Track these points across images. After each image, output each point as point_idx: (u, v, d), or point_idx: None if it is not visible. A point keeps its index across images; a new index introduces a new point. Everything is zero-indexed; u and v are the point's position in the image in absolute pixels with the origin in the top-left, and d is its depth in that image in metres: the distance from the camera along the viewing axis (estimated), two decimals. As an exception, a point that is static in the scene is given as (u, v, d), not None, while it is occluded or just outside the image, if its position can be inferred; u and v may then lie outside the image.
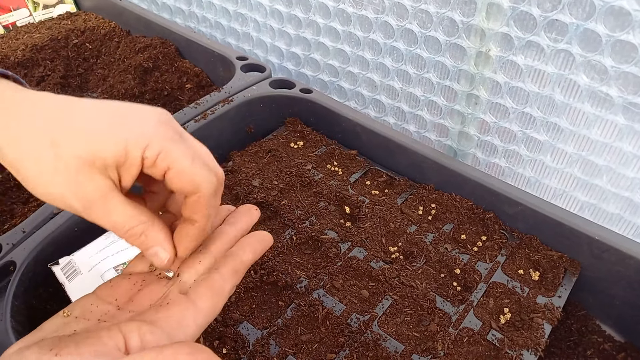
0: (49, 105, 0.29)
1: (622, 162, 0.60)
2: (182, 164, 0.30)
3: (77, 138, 0.28)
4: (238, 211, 0.39)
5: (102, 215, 0.29)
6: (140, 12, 0.96)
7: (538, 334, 0.49)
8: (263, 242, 0.37)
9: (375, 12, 0.71)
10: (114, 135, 0.28)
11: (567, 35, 0.55)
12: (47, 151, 0.28)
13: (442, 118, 0.74)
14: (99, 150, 0.28)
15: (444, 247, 0.57)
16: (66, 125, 0.28)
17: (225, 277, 0.33)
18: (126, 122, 0.29)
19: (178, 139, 0.30)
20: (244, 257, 0.35)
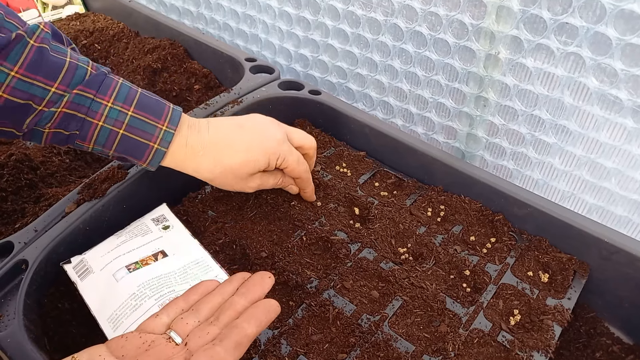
0: (220, 147, 0.53)
1: (630, 165, 0.60)
2: (292, 166, 0.56)
3: (243, 165, 0.53)
4: (251, 280, 0.43)
5: (264, 186, 0.57)
6: (149, 13, 0.96)
7: (548, 336, 0.49)
8: (269, 313, 0.39)
9: (384, 15, 0.71)
10: (262, 160, 0.54)
11: (577, 39, 0.56)
12: (227, 173, 0.54)
13: (451, 120, 0.75)
14: (255, 167, 0.54)
15: (454, 249, 0.58)
16: (235, 159, 0.53)
17: (228, 350, 0.36)
18: (266, 147, 0.53)
19: (291, 150, 0.56)
20: (249, 331, 0.37)
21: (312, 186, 0.60)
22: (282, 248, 0.56)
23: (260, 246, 0.56)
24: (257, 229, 0.58)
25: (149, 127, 0.49)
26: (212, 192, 0.63)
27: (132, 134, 0.48)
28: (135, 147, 0.49)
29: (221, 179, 0.54)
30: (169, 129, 0.50)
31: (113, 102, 0.48)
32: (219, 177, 0.53)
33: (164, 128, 0.49)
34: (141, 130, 0.49)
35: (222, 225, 0.58)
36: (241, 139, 0.53)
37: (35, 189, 0.65)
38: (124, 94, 0.48)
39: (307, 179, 0.59)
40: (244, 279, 0.43)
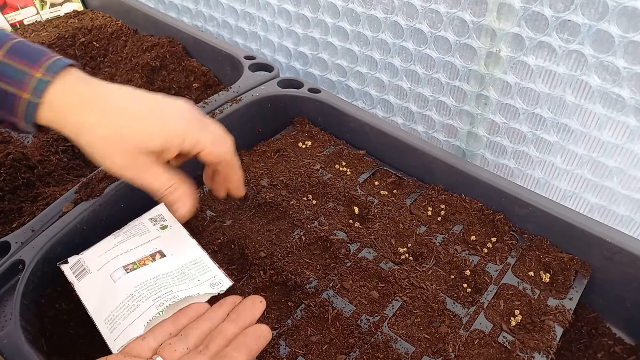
0: (114, 103, 0.41)
1: (633, 164, 0.59)
2: (208, 148, 0.44)
3: (134, 134, 0.41)
4: (242, 305, 0.42)
5: (149, 178, 0.43)
6: (147, 10, 0.96)
7: (549, 337, 0.49)
8: (259, 340, 0.39)
9: (384, 12, 0.71)
10: (160, 134, 0.42)
11: (579, 36, 0.55)
12: (114, 139, 0.41)
13: (451, 118, 0.74)
14: (149, 141, 0.41)
15: (454, 248, 0.57)
16: (127, 123, 0.41)
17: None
18: (168, 122, 0.42)
19: (204, 129, 0.44)
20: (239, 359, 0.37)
21: (240, 174, 0.49)
22: (281, 248, 0.56)
23: (258, 246, 0.55)
24: (255, 229, 0.58)
25: (20, 75, 0.40)
26: (211, 191, 0.62)
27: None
28: (3, 99, 0.40)
29: (105, 147, 0.41)
30: (45, 77, 0.40)
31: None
32: (103, 143, 0.41)
33: (37, 75, 0.40)
34: (10, 78, 0.40)
35: (220, 225, 0.58)
36: (141, 104, 0.42)
37: (32, 188, 0.65)
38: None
39: (232, 164, 0.47)
40: (235, 303, 0.43)
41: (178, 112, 0.43)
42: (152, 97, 0.43)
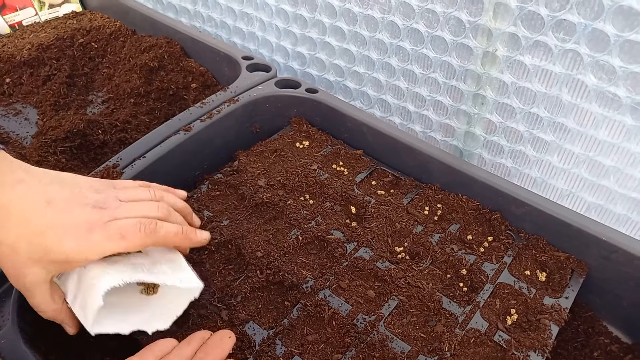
0: (12, 212, 0.39)
1: (629, 163, 0.60)
2: (135, 243, 0.42)
3: (30, 249, 0.39)
4: (210, 342, 0.43)
5: (35, 302, 0.42)
6: (145, 11, 0.96)
7: (545, 335, 0.49)
8: (224, 349, 0.42)
9: (381, 12, 0.71)
10: (56, 252, 0.39)
11: (575, 35, 0.55)
12: (8, 252, 0.39)
13: (448, 118, 0.74)
14: (45, 257, 0.39)
15: (450, 248, 0.57)
16: (25, 236, 0.39)
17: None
18: (65, 239, 0.39)
19: (110, 238, 0.41)
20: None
21: (190, 236, 0.47)
22: (278, 247, 0.56)
23: (255, 246, 0.56)
24: (252, 229, 0.58)
25: None
26: (208, 191, 0.63)
27: None
28: None
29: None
30: None
31: None
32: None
33: None
34: None
35: (217, 225, 0.58)
36: (41, 217, 0.39)
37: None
38: None
39: (174, 239, 0.45)
40: (204, 339, 0.43)
41: (78, 226, 0.40)
42: (55, 205, 0.40)
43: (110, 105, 0.85)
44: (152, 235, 0.42)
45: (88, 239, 0.40)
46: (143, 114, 0.82)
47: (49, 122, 0.79)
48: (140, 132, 0.78)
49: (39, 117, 0.82)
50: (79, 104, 0.86)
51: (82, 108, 0.86)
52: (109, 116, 0.81)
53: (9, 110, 0.84)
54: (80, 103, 0.87)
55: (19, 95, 0.87)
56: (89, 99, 0.88)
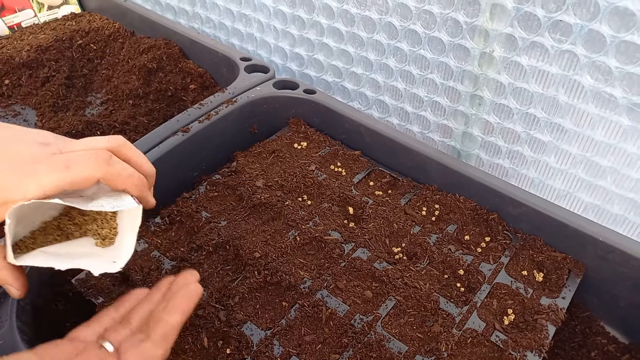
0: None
1: (626, 163, 0.60)
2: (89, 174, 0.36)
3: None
4: (175, 284, 0.41)
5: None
6: (144, 12, 0.96)
7: (542, 335, 0.49)
8: (190, 299, 0.39)
9: (379, 13, 0.71)
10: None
11: (572, 36, 0.55)
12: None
13: (446, 119, 0.74)
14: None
15: (448, 248, 0.57)
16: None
17: (156, 342, 0.36)
18: (8, 175, 0.34)
19: (53, 169, 0.35)
20: (173, 321, 0.37)
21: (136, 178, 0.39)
22: (276, 248, 0.56)
23: (253, 246, 0.56)
24: (250, 229, 0.58)
25: None
26: (206, 192, 0.63)
27: None
28: None
29: None
30: None
31: None
32: None
33: None
34: None
35: (215, 226, 0.58)
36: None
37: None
38: None
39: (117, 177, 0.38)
40: (171, 283, 0.43)
41: (20, 160, 0.35)
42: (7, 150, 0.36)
43: (109, 106, 0.86)
44: (103, 167, 0.36)
45: (28, 172, 0.34)
46: (142, 115, 0.82)
47: (48, 123, 0.79)
48: (139, 133, 0.78)
49: (38, 119, 0.82)
50: (77, 105, 0.86)
51: (80, 109, 0.86)
52: (107, 117, 0.82)
53: (7, 112, 0.84)
54: (79, 104, 0.87)
55: (17, 97, 0.87)
56: (87, 100, 0.88)
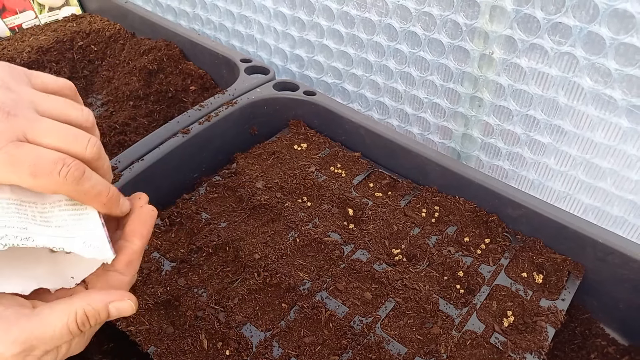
0: None
1: (626, 165, 0.60)
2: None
3: None
4: (132, 222, 0.36)
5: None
6: (145, 14, 0.96)
7: (541, 337, 0.49)
8: (147, 223, 0.36)
9: (378, 15, 0.71)
10: None
11: (571, 38, 0.55)
12: None
13: (446, 120, 0.74)
14: None
15: (447, 250, 0.57)
16: None
17: (122, 271, 0.34)
18: None
19: (13, 168, 0.29)
20: (134, 247, 0.35)
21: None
22: (275, 250, 0.56)
23: (253, 248, 0.56)
24: (250, 231, 0.58)
25: None
26: (206, 193, 0.63)
27: None
28: None
29: None
30: None
31: None
32: None
33: None
34: None
35: (215, 227, 0.58)
36: None
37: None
38: None
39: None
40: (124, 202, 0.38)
41: None
42: None
43: (109, 107, 0.86)
44: (72, 185, 0.30)
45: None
46: (142, 116, 0.82)
47: (48, 124, 0.79)
48: (139, 135, 0.78)
49: (39, 120, 0.82)
50: (78, 107, 0.86)
51: (81, 110, 0.86)
52: (108, 119, 0.82)
53: (8, 113, 0.84)
54: (80, 106, 0.87)
55: (18, 98, 0.87)
56: (88, 101, 0.89)
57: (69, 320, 0.30)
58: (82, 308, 0.31)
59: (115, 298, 0.32)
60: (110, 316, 0.32)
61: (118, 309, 0.32)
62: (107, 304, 0.32)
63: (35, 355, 0.30)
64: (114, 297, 0.32)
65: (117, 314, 0.32)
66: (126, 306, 0.32)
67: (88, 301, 0.31)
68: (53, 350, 0.31)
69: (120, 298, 0.32)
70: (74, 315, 0.30)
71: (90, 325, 0.31)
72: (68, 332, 0.30)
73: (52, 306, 0.30)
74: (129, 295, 0.33)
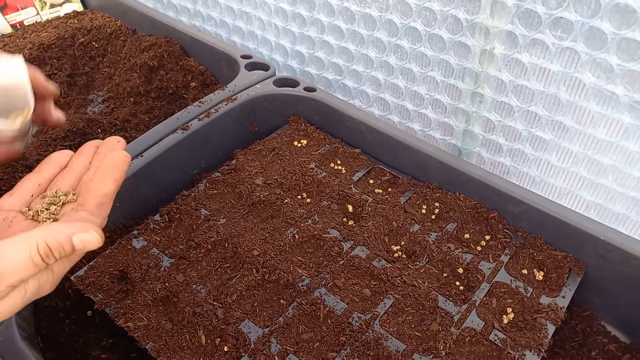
0: None
1: (628, 161, 0.59)
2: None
3: None
4: (102, 151, 0.40)
5: None
6: (145, 10, 0.96)
7: (541, 334, 0.49)
8: (119, 166, 0.37)
9: (379, 10, 0.71)
10: None
11: (573, 33, 0.55)
12: None
13: (447, 116, 0.74)
14: None
15: (447, 247, 0.57)
16: None
17: (92, 212, 0.35)
18: None
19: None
20: (105, 190, 0.36)
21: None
22: (274, 246, 0.56)
23: (252, 244, 0.56)
24: (249, 227, 0.58)
25: None
26: (205, 190, 0.63)
27: None
28: None
29: None
30: None
31: None
32: None
33: None
34: None
35: (214, 224, 0.58)
36: None
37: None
38: None
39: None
40: (96, 146, 0.41)
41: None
42: None
43: (110, 104, 0.86)
44: None
45: None
46: (143, 112, 0.82)
47: (49, 121, 0.79)
48: (140, 131, 0.78)
49: (40, 116, 0.83)
50: (79, 103, 0.87)
51: (82, 107, 0.86)
52: (108, 115, 0.82)
53: (9, 110, 0.84)
54: (81, 102, 0.87)
55: (19, 95, 0.87)
56: (89, 98, 0.89)
57: (32, 252, 0.30)
58: (43, 239, 0.30)
59: (78, 230, 0.31)
60: (75, 248, 0.31)
61: (82, 240, 0.31)
62: (69, 235, 0.31)
63: (0, 290, 0.29)
64: (77, 229, 0.31)
65: (82, 246, 0.32)
66: (90, 237, 0.32)
67: (49, 232, 0.31)
68: (20, 286, 0.30)
69: (83, 230, 0.32)
70: (36, 246, 0.30)
71: (55, 258, 0.31)
72: (32, 264, 0.30)
73: (12, 240, 0.30)
74: (93, 227, 0.32)
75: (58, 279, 0.33)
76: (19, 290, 0.30)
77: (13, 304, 0.30)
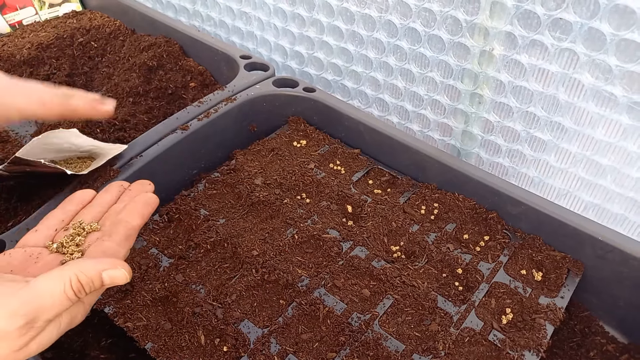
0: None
1: (626, 162, 0.59)
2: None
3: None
4: (133, 187, 0.42)
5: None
6: (145, 10, 0.96)
7: (540, 335, 0.49)
8: (150, 204, 0.39)
9: (378, 11, 0.71)
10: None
11: (572, 34, 0.55)
12: None
13: (446, 117, 0.74)
14: None
15: (446, 247, 0.57)
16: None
17: (119, 242, 0.36)
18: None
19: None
20: (134, 223, 0.37)
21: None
22: (274, 246, 0.56)
23: (251, 244, 0.56)
24: (248, 227, 0.58)
25: None
26: (205, 190, 0.63)
27: None
28: None
29: None
30: None
31: None
32: None
33: None
34: None
35: (213, 224, 0.58)
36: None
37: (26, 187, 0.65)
38: None
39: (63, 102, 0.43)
40: (123, 186, 0.43)
41: None
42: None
43: (109, 104, 0.85)
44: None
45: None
46: (142, 113, 0.82)
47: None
48: (139, 131, 0.78)
49: (38, 116, 0.82)
50: (78, 103, 0.86)
51: (81, 107, 0.86)
52: (107, 115, 0.81)
53: (8, 109, 0.84)
54: (80, 102, 0.87)
55: (18, 95, 0.87)
56: (88, 98, 0.88)
57: (65, 287, 0.31)
58: (75, 275, 0.31)
59: (108, 266, 0.33)
60: (104, 284, 0.33)
61: (111, 277, 0.33)
62: (99, 271, 0.32)
63: (39, 326, 0.30)
64: (106, 265, 0.33)
65: (111, 282, 0.33)
66: (119, 274, 0.33)
67: (80, 268, 0.32)
68: (55, 320, 0.31)
69: (113, 266, 0.33)
70: (69, 281, 0.31)
71: (86, 293, 0.32)
72: (66, 299, 0.31)
73: (45, 276, 0.31)
74: (122, 263, 0.33)
75: (88, 309, 0.35)
76: (55, 323, 0.32)
77: (50, 336, 0.31)
